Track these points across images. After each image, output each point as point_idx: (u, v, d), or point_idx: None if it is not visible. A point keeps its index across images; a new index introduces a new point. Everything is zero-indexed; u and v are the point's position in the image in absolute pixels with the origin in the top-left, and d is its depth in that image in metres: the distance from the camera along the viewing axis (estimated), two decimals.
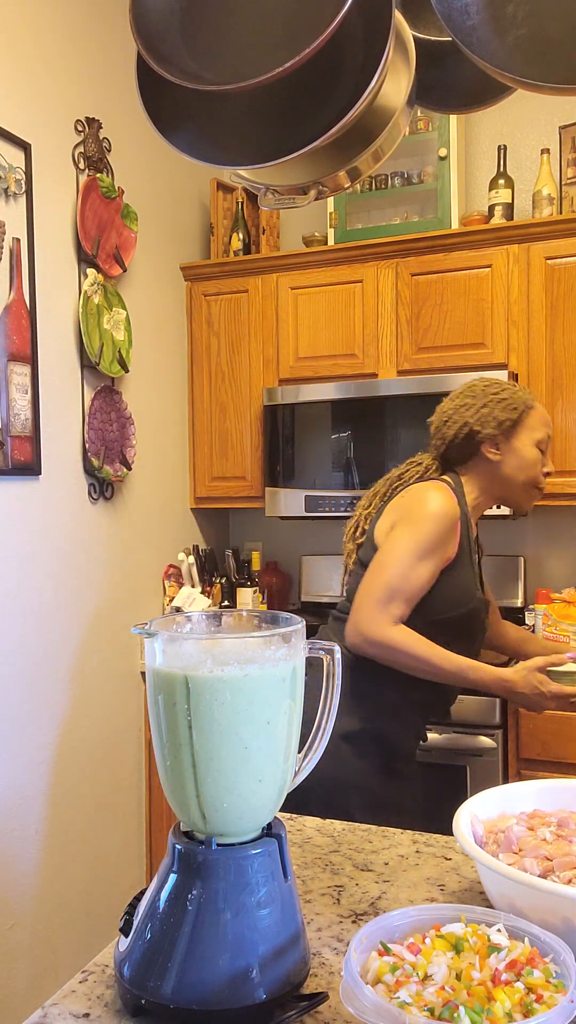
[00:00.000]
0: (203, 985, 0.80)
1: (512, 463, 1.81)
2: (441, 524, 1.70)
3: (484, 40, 0.99)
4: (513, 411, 1.80)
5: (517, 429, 1.81)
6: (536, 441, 1.81)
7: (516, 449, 1.81)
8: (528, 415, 1.81)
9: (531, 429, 1.82)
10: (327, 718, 0.94)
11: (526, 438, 1.81)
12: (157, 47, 0.96)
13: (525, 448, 1.81)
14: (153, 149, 2.97)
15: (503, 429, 1.80)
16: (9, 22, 2.32)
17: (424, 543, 1.69)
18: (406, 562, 1.68)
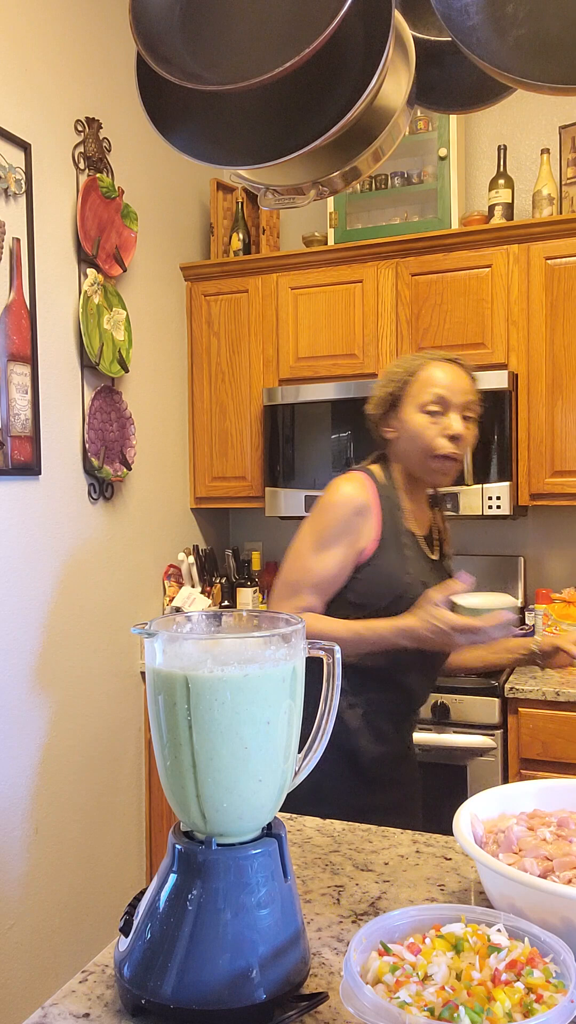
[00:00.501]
0: (203, 985, 0.80)
1: (404, 437, 1.70)
2: (339, 512, 1.64)
3: (484, 40, 1.00)
4: (393, 383, 1.72)
5: (401, 400, 1.70)
6: (420, 406, 1.67)
7: (403, 421, 1.69)
8: (411, 383, 1.69)
9: (414, 396, 1.68)
10: (327, 718, 0.94)
11: (410, 406, 1.69)
12: (157, 47, 0.96)
13: (409, 417, 1.68)
14: (153, 149, 2.97)
15: (386, 405, 1.72)
16: (9, 22, 2.32)
17: (321, 533, 1.64)
18: (303, 553, 1.65)
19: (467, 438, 1.69)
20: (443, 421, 1.66)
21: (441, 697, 2.54)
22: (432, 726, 2.56)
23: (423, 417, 1.66)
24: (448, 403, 1.66)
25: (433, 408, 1.65)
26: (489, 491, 2.71)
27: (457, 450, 1.66)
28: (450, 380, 1.67)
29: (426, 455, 1.67)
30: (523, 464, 2.78)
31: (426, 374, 1.68)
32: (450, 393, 1.66)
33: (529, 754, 2.50)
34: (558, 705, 2.46)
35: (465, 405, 1.68)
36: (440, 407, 1.66)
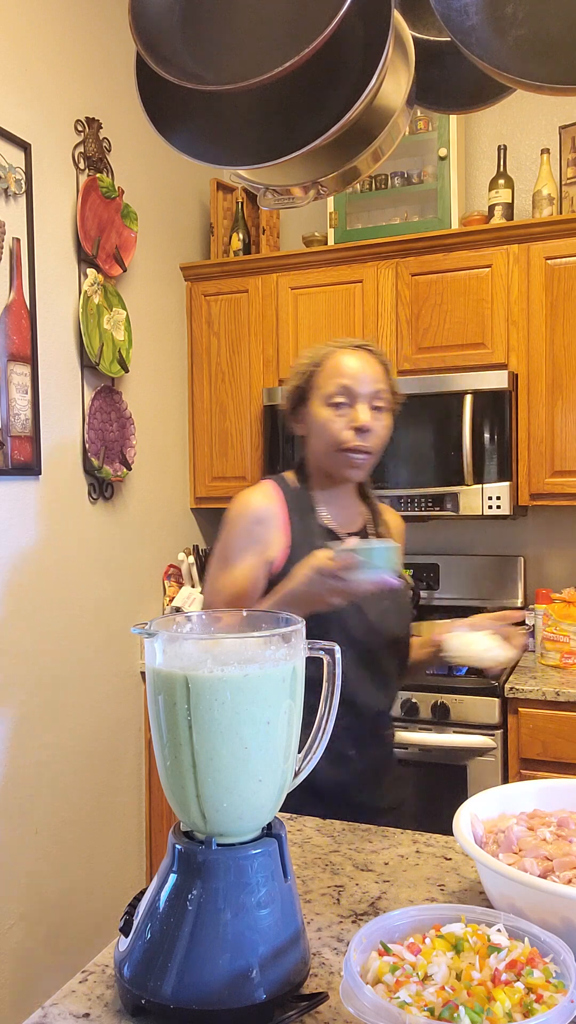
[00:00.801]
0: (203, 985, 0.80)
1: (312, 433, 1.59)
2: (239, 525, 1.58)
3: (483, 40, 1.00)
4: (300, 376, 1.61)
5: (309, 394, 1.60)
6: (325, 398, 1.56)
7: (311, 415, 1.59)
8: (316, 374, 1.58)
9: (319, 388, 1.57)
10: (327, 718, 0.94)
11: (315, 400, 1.58)
12: (157, 47, 0.96)
13: (315, 411, 1.58)
14: (153, 149, 2.97)
15: (294, 400, 1.62)
16: (9, 22, 2.32)
17: (224, 550, 1.58)
18: (212, 574, 1.58)
19: (377, 430, 1.57)
20: (349, 413, 1.54)
21: (441, 697, 2.54)
22: (432, 726, 2.56)
23: (328, 410, 1.55)
24: (354, 393, 1.55)
25: (338, 400, 1.54)
26: (489, 491, 2.71)
27: (364, 443, 1.54)
28: (356, 369, 1.56)
29: (333, 449, 1.56)
30: (523, 464, 2.78)
31: (331, 364, 1.57)
32: (356, 383, 1.55)
33: (529, 754, 2.50)
34: (558, 705, 2.46)
35: (374, 395, 1.56)
36: (346, 398, 1.54)
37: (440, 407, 2.77)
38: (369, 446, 1.55)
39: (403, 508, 2.80)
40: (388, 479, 2.84)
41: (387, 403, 1.59)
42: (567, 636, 2.72)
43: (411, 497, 2.80)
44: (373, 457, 1.58)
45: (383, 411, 1.58)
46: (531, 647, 2.93)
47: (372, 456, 1.57)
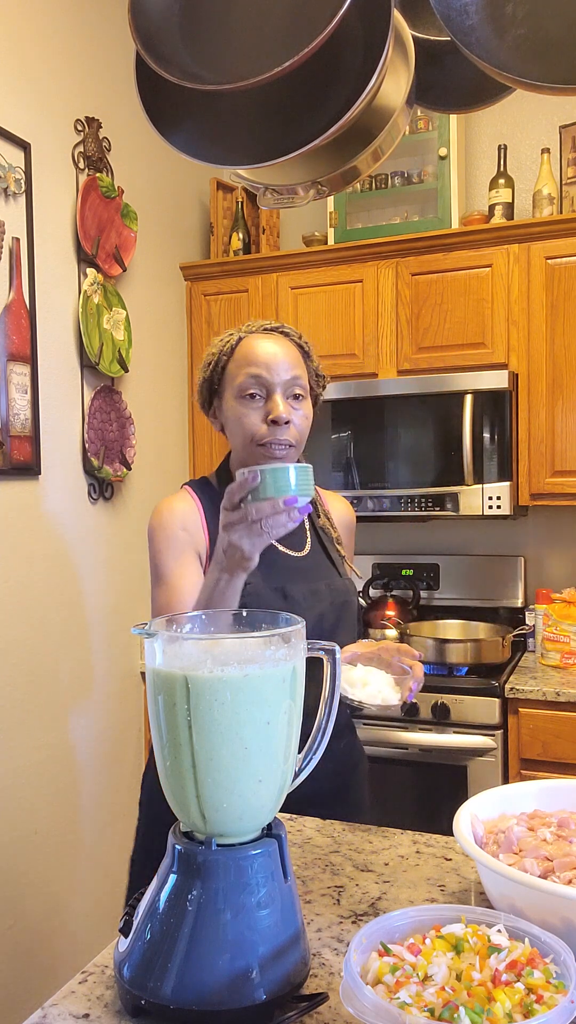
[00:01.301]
0: (203, 985, 0.80)
1: (228, 428, 1.47)
2: (163, 533, 1.44)
3: (483, 40, 0.99)
4: (208, 367, 1.48)
5: (222, 385, 1.46)
6: (237, 391, 1.41)
7: (224, 410, 1.46)
8: (228, 364, 1.45)
9: (231, 378, 1.43)
10: (327, 718, 0.94)
11: (228, 393, 1.44)
12: (156, 47, 0.96)
13: (228, 404, 1.44)
14: (153, 149, 2.97)
15: (206, 394, 1.50)
16: (9, 22, 2.32)
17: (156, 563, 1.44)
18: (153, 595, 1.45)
19: (297, 421, 1.43)
20: (264, 405, 1.41)
21: (441, 697, 2.54)
22: (432, 726, 2.56)
23: (241, 403, 1.41)
24: (268, 383, 1.40)
25: (251, 391, 1.40)
26: (489, 491, 2.71)
27: (282, 437, 1.40)
28: (269, 356, 1.41)
29: (250, 444, 1.42)
30: (523, 464, 2.78)
31: (242, 353, 1.43)
32: (269, 371, 1.40)
33: (529, 754, 2.49)
34: (558, 705, 2.46)
35: (291, 383, 1.41)
36: (259, 389, 1.40)
37: (440, 407, 2.77)
38: (288, 438, 1.41)
39: (403, 508, 2.80)
40: (388, 479, 2.84)
41: (306, 390, 1.46)
42: (567, 636, 2.71)
43: (411, 497, 2.79)
44: (296, 448, 1.45)
45: (302, 399, 1.44)
46: (531, 647, 2.93)
47: (295, 448, 1.44)
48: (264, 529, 1.12)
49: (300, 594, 1.45)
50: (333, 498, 1.68)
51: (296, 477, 1.14)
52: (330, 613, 1.48)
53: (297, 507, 1.12)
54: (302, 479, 1.15)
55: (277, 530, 1.13)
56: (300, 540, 1.52)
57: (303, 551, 1.52)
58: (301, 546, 1.52)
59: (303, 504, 1.13)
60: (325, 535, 1.58)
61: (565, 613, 2.73)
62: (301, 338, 1.50)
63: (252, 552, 1.15)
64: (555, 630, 2.74)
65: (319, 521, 1.58)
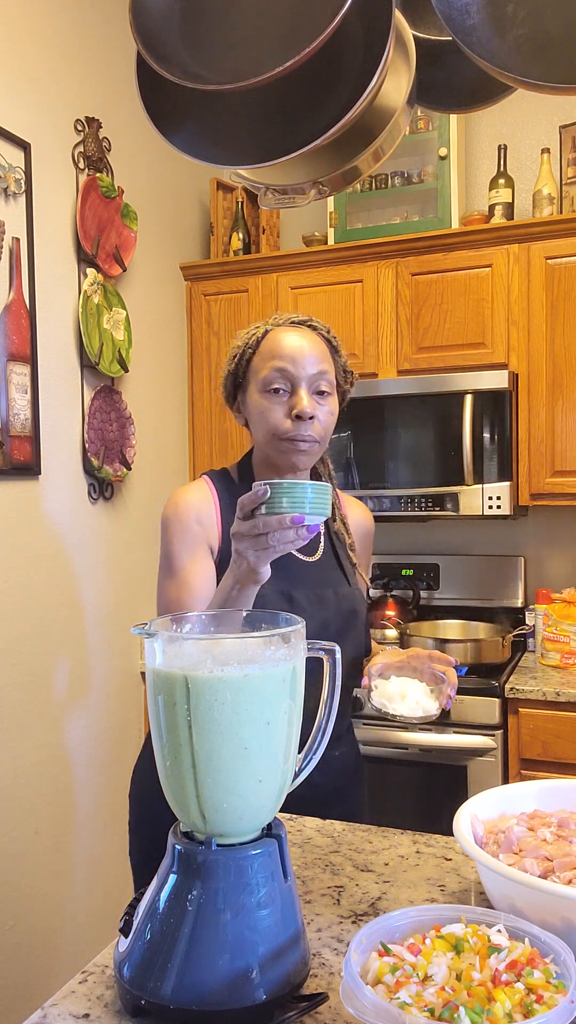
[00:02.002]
0: (203, 986, 0.80)
1: (252, 422, 1.44)
2: (178, 525, 1.41)
3: (484, 39, 0.99)
4: (233, 361, 1.45)
5: (246, 378, 1.44)
6: (262, 385, 1.39)
7: (248, 404, 1.44)
8: (254, 357, 1.42)
9: (256, 372, 1.41)
10: (327, 718, 0.94)
11: (252, 386, 1.42)
12: (157, 47, 0.96)
13: (252, 399, 1.42)
14: (153, 149, 2.97)
15: (231, 387, 1.47)
16: (9, 22, 2.32)
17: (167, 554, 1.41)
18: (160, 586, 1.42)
19: (321, 416, 1.39)
20: (289, 399, 1.38)
21: None
22: (432, 726, 2.56)
23: (265, 398, 1.39)
24: (294, 377, 1.38)
25: (277, 385, 1.38)
26: (489, 491, 2.71)
27: (306, 433, 1.38)
28: (295, 350, 1.39)
29: (273, 439, 1.39)
30: (523, 464, 2.78)
31: (268, 346, 1.41)
32: (295, 365, 1.38)
33: (529, 754, 2.49)
34: (558, 705, 2.46)
35: (316, 377, 1.39)
36: (285, 383, 1.38)
37: (440, 407, 2.77)
38: (312, 434, 1.38)
39: (403, 508, 2.80)
40: (388, 479, 2.84)
41: (332, 386, 1.43)
42: (567, 636, 2.71)
43: (411, 497, 2.79)
44: (320, 444, 1.41)
45: (328, 395, 1.41)
46: (531, 647, 2.93)
47: (319, 444, 1.41)
48: (271, 543, 1.09)
49: (306, 599, 1.42)
50: (352, 503, 1.64)
51: (311, 496, 1.10)
52: (335, 621, 1.45)
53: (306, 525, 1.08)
54: (317, 498, 1.11)
55: (284, 545, 1.10)
56: (313, 544, 1.49)
57: (315, 556, 1.49)
58: (313, 551, 1.49)
59: (314, 523, 1.10)
60: (339, 541, 1.54)
61: (565, 613, 2.72)
62: (329, 332, 1.47)
63: (258, 564, 1.12)
64: (555, 630, 2.74)
65: (334, 526, 1.54)
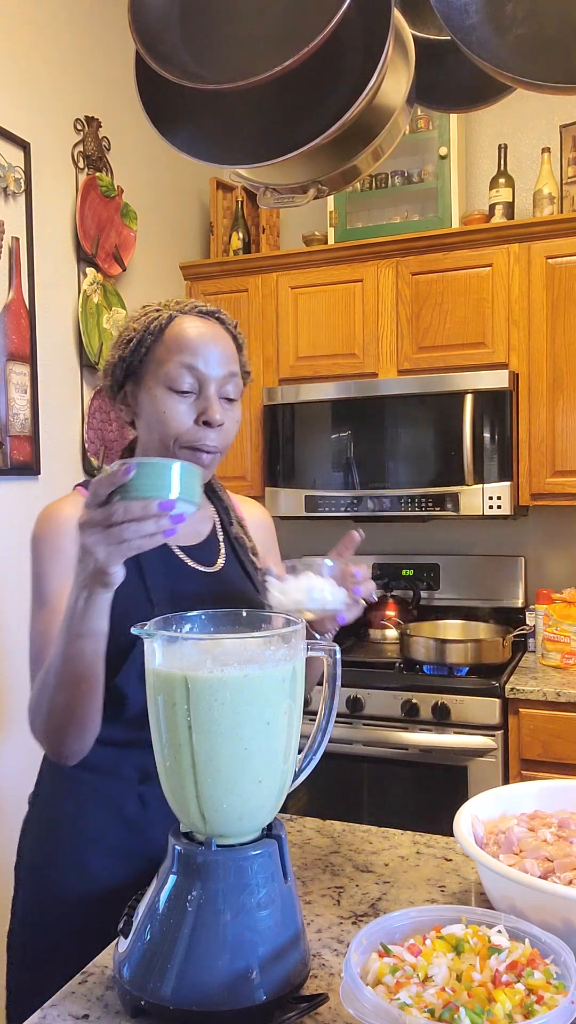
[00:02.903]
0: (203, 986, 0.80)
1: (144, 421, 1.23)
2: (48, 545, 1.28)
3: (484, 39, 0.99)
4: (127, 345, 1.22)
5: (143, 368, 1.22)
6: (167, 381, 1.18)
7: (143, 400, 1.22)
8: (156, 346, 1.21)
9: (159, 364, 1.20)
10: (327, 718, 0.94)
11: (151, 379, 1.20)
12: (156, 46, 0.96)
13: (150, 394, 1.20)
14: (153, 148, 2.96)
15: (119, 376, 1.25)
16: (9, 22, 2.32)
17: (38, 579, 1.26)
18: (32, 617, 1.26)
19: (229, 425, 1.22)
20: (197, 403, 1.19)
21: (442, 698, 2.54)
22: (432, 727, 2.55)
23: (170, 396, 1.19)
24: (203, 378, 1.19)
25: (185, 387, 1.19)
26: (490, 491, 2.71)
27: (214, 443, 1.20)
28: (207, 346, 1.20)
29: (172, 445, 1.20)
30: (524, 464, 2.78)
31: (174, 336, 1.20)
32: (206, 364, 1.19)
33: (530, 755, 2.49)
34: (558, 706, 2.46)
35: (226, 380, 1.21)
36: (193, 383, 1.19)
37: (440, 407, 2.77)
38: (218, 444, 1.21)
39: (403, 508, 2.80)
40: (388, 479, 2.84)
41: (239, 392, 1.25)
42: (568, 636, 2.71)
43: (411, 497, 2.79)
44: (221, 456, 1.24)
45: (235, 402, 1.24)
46: (532, 647, 2.93)
47: (220, 455, 1.24)
48: (126, 536, 0.89)
49: None
50: (246, 503, 1.46)
51: (181, 478, 0.91)
52: None
53: (171, 514, 0.89)
54: (187, 482, 0.91)
55: (141, 540, 0.89)
56: (212, 552, 1.30)
57: (215, 566, 1.29)
58: (213, 559, 1.29)
59: (183, 512, 0.90)
60: (240, 546, 1.34)
61: (565, 613, 2.72)
62: (236, 327, 1.28)
63: (108, 563, 0.91)
64: (555, 630, 2.74)
65: (232, 530, 1.35)
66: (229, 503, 1.39)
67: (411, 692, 2.58)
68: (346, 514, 2.89)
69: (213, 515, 1.37)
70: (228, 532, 1.36)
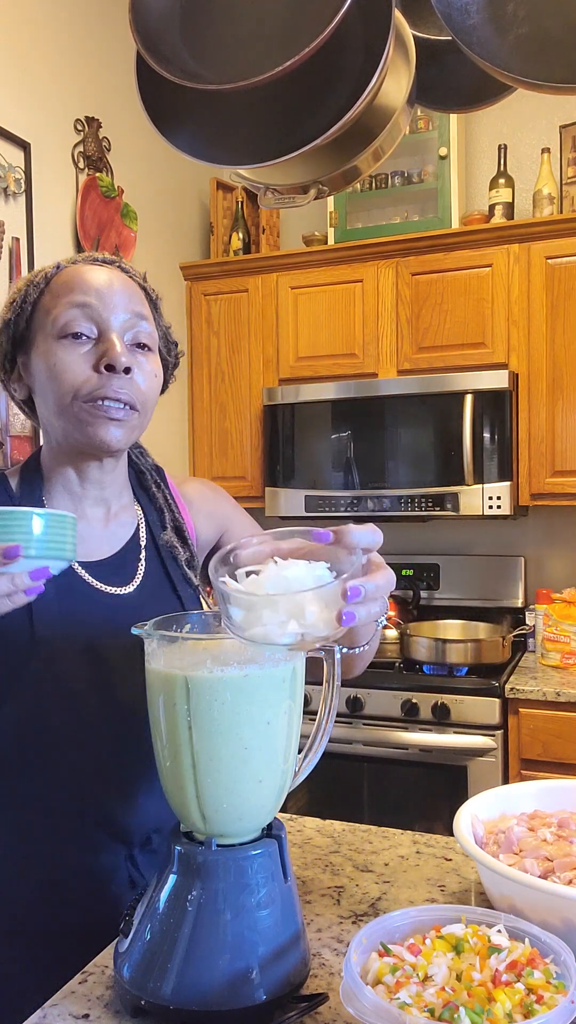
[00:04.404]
0: (203, 986, 0.80)
1: (39, 388, 1.02)
2: None
3: (484, 39, 0.99)
4: (11, 309, 1.03)
5: (30, 330, 1.02)
6: (57, 329, 0.99)
7: (33, 365, 1.02)
8: (41, 298, 1.02)
9: (46, 314, 1.00)
10: (327, 718, 0.94)
11: (39, 337, 1.01)
12: (157, 46, 0.96)
13: (40, 352, 1.00)
14: (153, 148, 2.97)
15: (5, 345, 1.05)
16: (9, 22, 2.32)
17: None
18: None
19: (142, 377, 1.01)
20: (96, 348, 0.99)
21: (442, 697, 2.54)
22: (432, 726, 2.56)
23: (61, 345, 0.98)
24: (100, 318, 0.99)
25: (78, 328, 0.98)
26: (489, 491, 2.71)
27: (123, 390, 0.98)
28: (103, 286, 1.01)
29: (72, 403, 0.98)
30: (524, 464, 2.78)
31: (61, 280, 1.01)
32: (102, 301, 1.00)
33: (529, 755, 2.49)
34: (558, 705, 2.46)
35: (133, 321, 1.02)
36: (88, 325, 0.99)
37: (440, 407, 2.77)
38: (130, 393, 0.99)
39: (403, 508, 2.80)
40: (388, 479, 2.84)
41: (154, 340, 1.06)
42: (567, 636, 2.71)
43: (411, 497, 2.79)
44: (139, 415, 1.01)
45: (149, 351, 1.04)
46: (531, 647, 2.93)
47: (137, 413, 1.01)
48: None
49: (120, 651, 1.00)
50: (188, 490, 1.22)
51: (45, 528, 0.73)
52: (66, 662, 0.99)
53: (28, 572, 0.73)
54: (54, 532, 0.74)
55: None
56: (125, 568, 1.06)
57: (128, 586, 1.06)
58: (126, 578, 1.06)
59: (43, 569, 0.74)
60: (169, 556, 1.10)
61: (565, 613, 2.72)
62: (146, 281, 1.10)
63: None
64: (555, 630, 2.74)
65: (162, 538, 1.11)
66: (167, 500, 1.14)
67: (411, 692, 2.59)
68: (346, 514, 2.89)
69: (137, 517, 1.12)
70: (155, 541, 1.10)
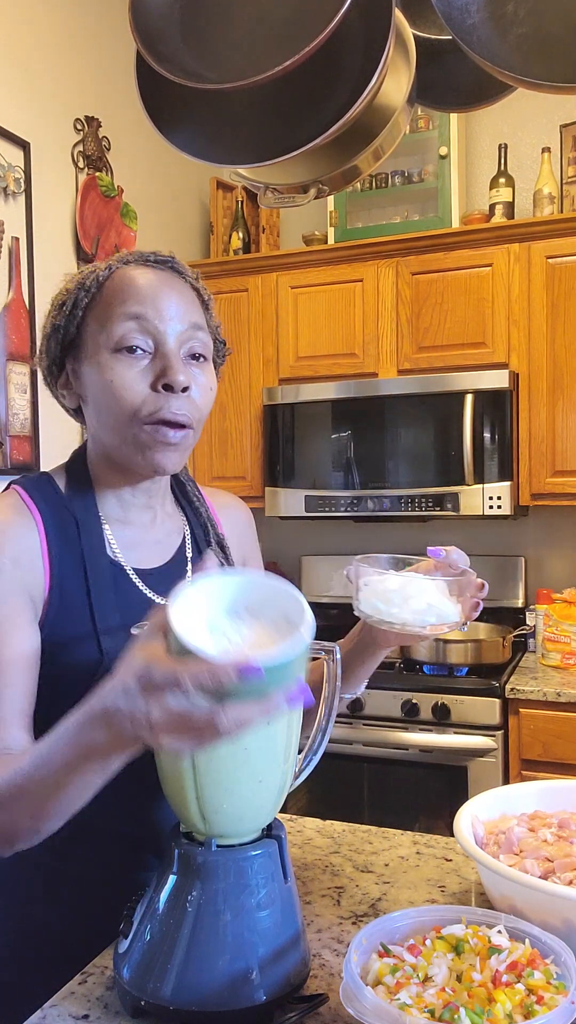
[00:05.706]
0: (202, 986, 0.79)
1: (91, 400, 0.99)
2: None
3: (484, 38, 0.99)
4: (59, 311, 0.99)
5: (81, 336, 0.98)
6: (111, 342, 0.95)
7: (85, 374, 0.98)
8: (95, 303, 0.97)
9: (100, 324, 0.96)
10: (327, 718, 0.93)
11: (92, 346, 0.97)
12: (157, 46, 0.95)
13: (93, 363, 0.96)
14: (153, 148, 2.97)
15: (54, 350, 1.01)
16: (8, 22, 2.32)
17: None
18: None
19: (198, 392, 0.98)
20: (153, 364, 0.95)
21: (442, 698, 2.54)
22: (432, 727, 2.55)
23: (115, 360, 0.95)
24: (156, 331, 0.95)
25: (134, 342, 0.95)
26: (490, 491, 2.71)
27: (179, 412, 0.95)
28: (158, 293, 0.96)
29: (130, 424, 0.95)
30: (524, 464, 2.78)
31: (114, 287, 0.96)
32: (158, 314, 0.95)
33: (530, 755, 2.49)
34: (559, 706, 2.46)
35: (188, 334, 0.98)
36: (144, 338, 0.95)
37: (440, 407, 2.77)
38: (188, 414, 0.96)
39: (403, 508, 2.80)
40: (388, 479, 2.84)
41: (209, 349, 1.02)
42: (568, 636, 2.71)
43: (411, 497, 2.79)
44: (195, 433, 0.99)
45: (204, 361, 1.01)
46: (532, 647, 2.93)
47: (193, 432, 0.98)
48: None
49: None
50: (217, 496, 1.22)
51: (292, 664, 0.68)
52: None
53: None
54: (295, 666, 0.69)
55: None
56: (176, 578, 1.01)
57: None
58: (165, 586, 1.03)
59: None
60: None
61: (566, 613, 2.72)
62: (199, 280, 1.05)
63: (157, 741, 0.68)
64: (556, 630, 2.74)
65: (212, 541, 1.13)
66: (208, 515, 1.14)
67: (411, 692, 2.58)
68: (346, 514, 2.89)
69: (183, 528, 1.12)
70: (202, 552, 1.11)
